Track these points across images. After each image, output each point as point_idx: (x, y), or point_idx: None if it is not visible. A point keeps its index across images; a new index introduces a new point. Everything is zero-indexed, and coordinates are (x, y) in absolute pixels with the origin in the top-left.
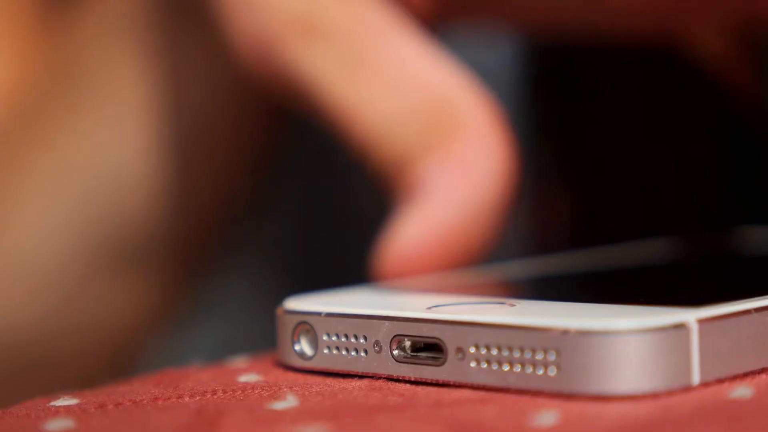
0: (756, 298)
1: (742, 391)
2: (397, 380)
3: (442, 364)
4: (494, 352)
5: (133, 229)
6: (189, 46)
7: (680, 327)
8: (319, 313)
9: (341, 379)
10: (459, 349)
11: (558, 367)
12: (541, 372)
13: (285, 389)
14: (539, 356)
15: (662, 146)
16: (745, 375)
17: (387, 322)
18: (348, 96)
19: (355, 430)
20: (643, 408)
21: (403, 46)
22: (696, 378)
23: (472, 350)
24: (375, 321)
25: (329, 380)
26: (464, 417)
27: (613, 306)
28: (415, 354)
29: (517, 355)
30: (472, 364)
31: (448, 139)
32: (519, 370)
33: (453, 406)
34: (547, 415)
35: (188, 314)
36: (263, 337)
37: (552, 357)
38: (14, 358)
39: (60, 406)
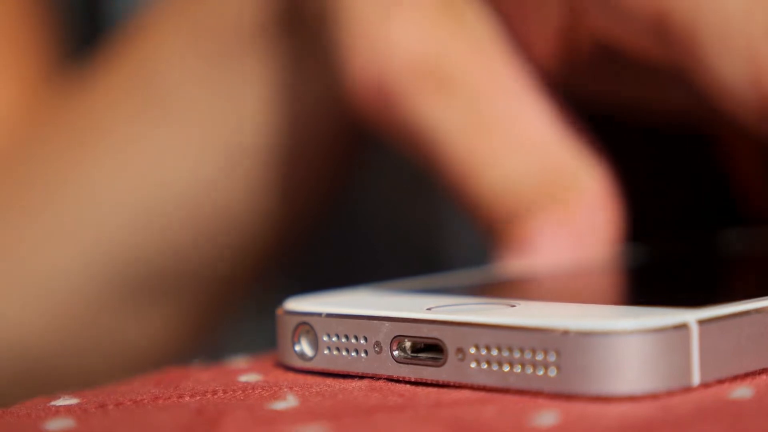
0: (756, 299)
1: (742, 391)
2: (398, 381)
3: (443, 364)
4: (494, 352)
5: (166, 261)
6: (287, 63)
7: (680, 327)
8: (319, 314)
9: (341, 380)
10: (459, 350)
11: (558, 368)
12: (541, 372)
13: (285, 389)
14: (539, 357)
15: (663, 147)
16: (745, 375)
17: (387, 323)
18: (469, 152)
19: (355, 430)
20: (643, 408)
21: (526, 105)
22: (696, 378)
23: (473, 351)
24: (375, 322)
25: (329, 380)
26: (464, 417)
27: (613, 306)
28: (415, 354)
29: (517, 355)
30: (473, 365)
31: (563, 202)
32: (519, 370)
33: (453, 406)
34: (547, 415)
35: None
36: (263, 337)
37: (552, 357)
38: (23, 381)
39: (60, 406)
